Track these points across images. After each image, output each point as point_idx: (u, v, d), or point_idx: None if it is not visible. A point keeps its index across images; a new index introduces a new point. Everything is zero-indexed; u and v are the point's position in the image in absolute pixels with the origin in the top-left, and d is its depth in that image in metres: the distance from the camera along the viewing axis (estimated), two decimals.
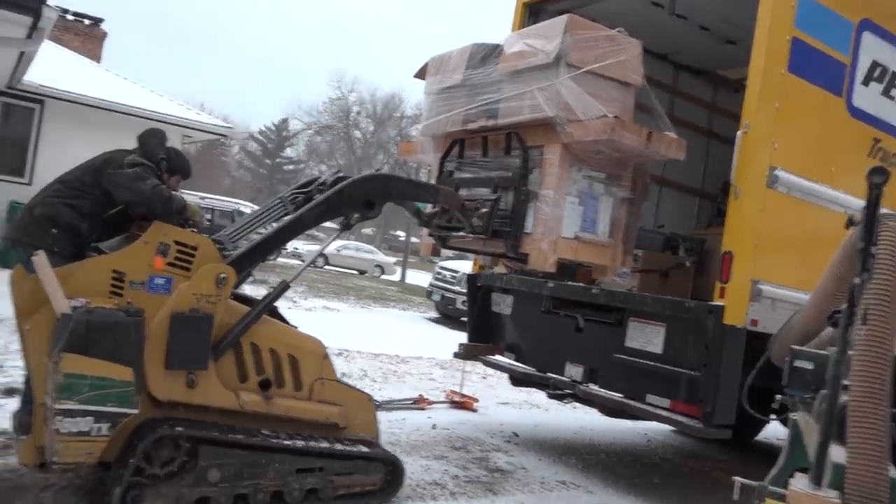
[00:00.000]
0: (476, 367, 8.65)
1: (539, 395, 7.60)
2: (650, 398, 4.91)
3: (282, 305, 4.32)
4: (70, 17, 18.16)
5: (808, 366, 2.81)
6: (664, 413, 4.78)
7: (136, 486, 3.37)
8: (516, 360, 6.20)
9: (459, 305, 14.52)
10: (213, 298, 3.65)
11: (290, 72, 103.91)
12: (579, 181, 4.60)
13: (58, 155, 12.91)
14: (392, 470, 4.18)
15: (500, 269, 6.30)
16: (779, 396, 3.02)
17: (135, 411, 3.28)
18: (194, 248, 3.70)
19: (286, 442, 3.81)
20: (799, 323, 3.13)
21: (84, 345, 3.13)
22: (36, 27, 7.63)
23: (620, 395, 5.14)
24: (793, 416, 3.25)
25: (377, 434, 4.27)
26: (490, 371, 7.54)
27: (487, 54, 4.89)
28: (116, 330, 3.24)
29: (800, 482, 2.19)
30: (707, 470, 6.48)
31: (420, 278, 28.69)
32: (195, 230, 3.91)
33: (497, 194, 4.67)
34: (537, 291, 5.77)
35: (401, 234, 28.29)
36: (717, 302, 4.52)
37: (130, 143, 4.29)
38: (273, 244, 4.10)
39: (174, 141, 14.86)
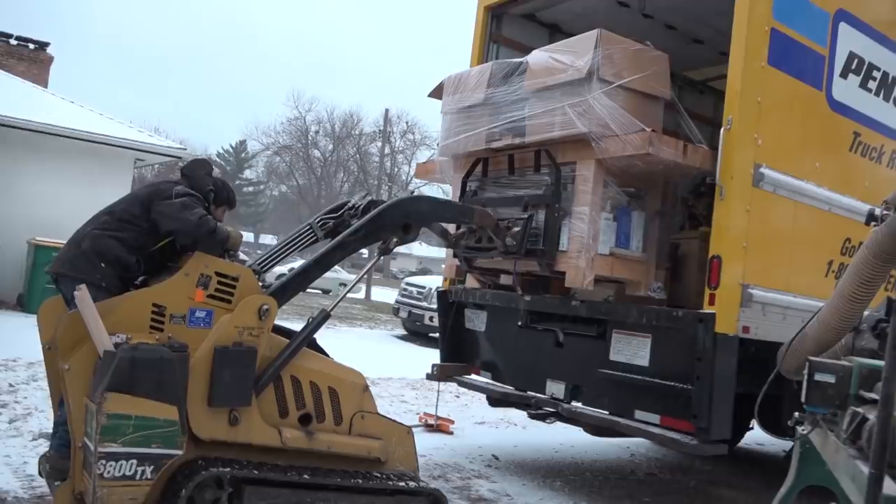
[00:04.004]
0: (449, 386, 8.28)
1: (516, 413, 7.25)
2: (639, 414, 4.62)
3: None
4: (13, 41, 17.46)
5: (830, 379, 2.53)
6: (655, 430, 4.49)
7: None
8: (493, 378, 5.87)
9: (427, 321, 14.28)
10: (255, 331, 3.53)
11: (247, 93, 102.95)
12: (613, 197, 4.61)
13: (5, 183, 12.37)
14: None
15: (472, 283, 5.99)
16: (797, 413, 2.74)
17: (179, 452, 3.17)
18: (235, 279, 3.59)
19: (334, 480, 3.65)
20: (815, 331, 2.84)
21: (129, 383, 3.04)
22: None
23: (606, 413, 4.85)
24: (801, 431, 2.99)
25: (417, 467, 4.11)
26: (463, 389, 7.20)
27: (510, 72, 4.88)
28: (161, 367, 3.14)
29: None
30: (695, 483, 6.22)
31: (386, 295, 28.24)
32: (235, 261, 3.84)
33: (529, 213, 4.62)
34: (513, 306, 5.46)
35: (364, 252, 27.90)
36: (708, 309, 4.25)
37: (82, 170, 3.95)
38: (315, 272, 3.93)
39: (125, 165, 14.32)
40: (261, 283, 3.76)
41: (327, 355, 4.07)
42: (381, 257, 4.49)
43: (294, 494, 3.53)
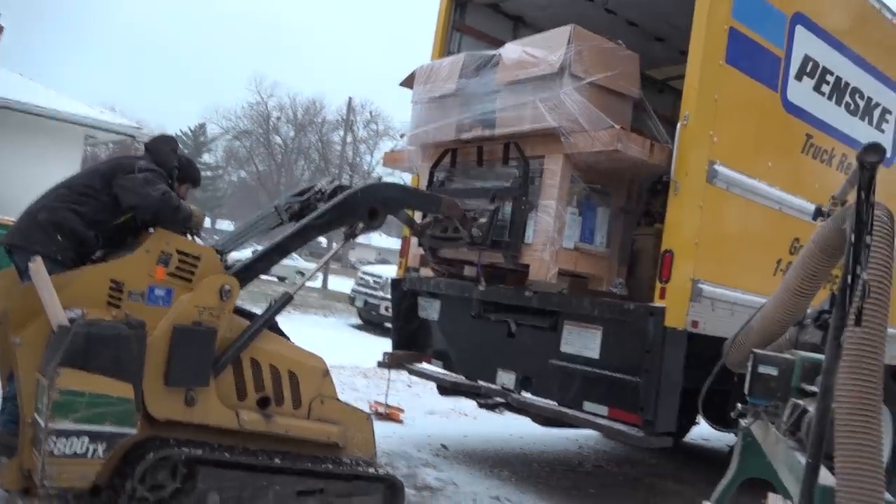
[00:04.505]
0: (401, 375, 8.24)
1: (467, 403, 7.27)
2: (588, 406, 4.64)
3: None
4: None
5: (773, 372, 2.56)
6: (602, 421, 4.52)
7: None
8: (445, 368, 5.84)
9: (383, 311, 14.19)
10: (216, 311, 3.47)
11: (208, 76, 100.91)
12: (579, 192, 4.63)
13: None
14: (392, 491, 3.99)
15: (427, 272, 5.95)
16: (740, 406, 2.76)
17: (133, 431, 3.09)
18: (197, 258, 3.53)
19: (290, 463, 3.62)
20: (759, 324, 2.87)
21: (83, 359, 2.96)
22: None
23: (556, 404, 4.86)
24: (744, 423, 3.02)
25: (375, 453, 4.11)
26: (416, 378, 7.17)
27: (483, 64, 4.88)
28: (118, 343, 3.07)
29: None
30: (641, 476, 6.29)
31: (343, 285, 28.03)
32: (198, 239, 3.80)
33: (495, 204, 4.62)
34: (467, 295, 5.43)
35: (322, 240, 27.68)
36: (658, 303, 4.29)
37: (29, 146, 3.84)
38: (279, 254, 3.90)
39: (76, 142, 13.91)
40: (223, 264, 3.70)
41: (288, 339, 4.02)
42: (347, 242, 4.46)
43: (249, 477, 3.49)
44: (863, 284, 1.74)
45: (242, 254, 5.93)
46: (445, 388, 5.89)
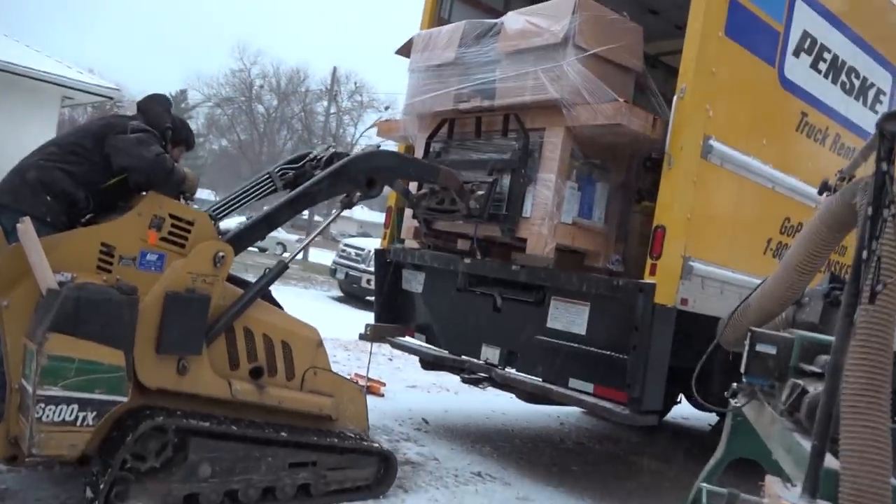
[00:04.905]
0: (382, 348, 8.16)
1: (449, 378, 7.16)
2: (573, 383, 4.57)
3: None
4: None
5: (771, 350, 2.48)
6: (588, 399, 4.45)
7: (121, 480, 3.10)
8: (428, 341, 5.74)
9: (364, 284, 14.12)
10: (209, 278, 3.40)
11: (191, 42, 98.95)
12: (578, 166, 4.53)
13: None
14: (385, 464, 4.01)
15: (411, 243, 5.83)
16: (734, 384, 2.69)
17: (124, 399, 3.02)
18: (190, 223, 3.45)
19: (283, 434, 3.59)
20: (758, 301, 2.79)
21: (73, 324, 2.88)
22: None
23: (540, 380, 4.79)
24: (735, 403, 2.96)
25: (368, 427, 4.08)
26: (397, 352, 7.09)
27: (483, 32, 4.77)
28: (109, 309, 2.99)
29: (783, 491, 1.83)
30: (622, 453, 6.28)
31: (323, 257, 27.82)
32: (192, 203, 3.69)
33: (493, 177, 4.53)
34: (452, 268, 5.32)
35: (304, 213, 27.50)
36: (648, 279, 4.20)
37: (3, 105, 3.66)
38: (275, 221, 3.84)
39: (52, 103, 13.54)
40: (216, 230, 3.63)
41: (282, 308, 3.95)
42: (342, 210, 4.37)
43: (241, 448, 3.46)
44: (876, 259, 1.65)
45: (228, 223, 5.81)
46: (428, 363, 5.80)
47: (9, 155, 3.70)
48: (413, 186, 4.97)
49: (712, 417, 6.71)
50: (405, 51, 5.44)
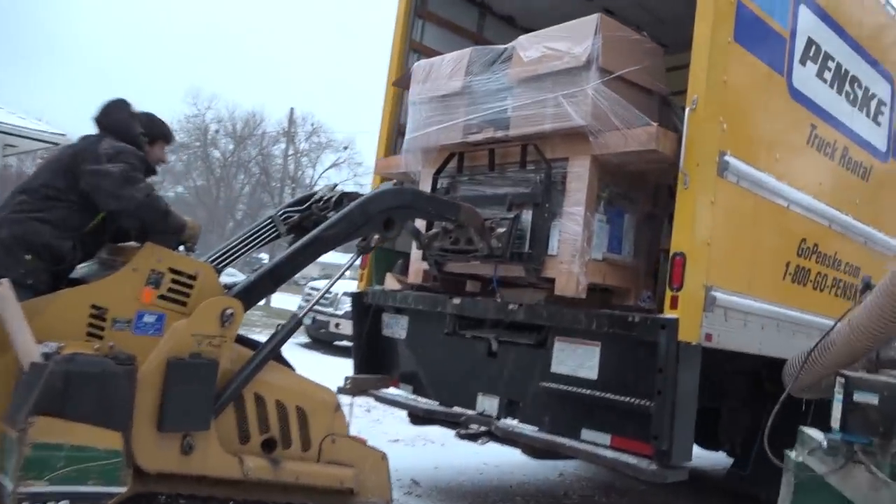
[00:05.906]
0: (359, 399, 7.54)
1: (432, 429, 6.57)
2: (586, 434, 4.06)
3: None
4: None
5: (873, 400, 1.99)
6: (605, 452, 3.92)
7: None
8: (415, 392, 5.18)
9: (333, 329, 13.54)
10: (216, 340, 3.04)
11: (143, 87, 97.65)
12: (606, 197, 4.15)
13: None
14: None
15: (391, 284, 5.29)
16: (822, 436, 2.19)
17: (122, 490, 2.64)
18: (193, 277, 3.08)
19: None
20: (845, 339, 2.31)
21: (61, 404, 2.52)
22: None
23: (547, 432, 4.25)
24: (794, 456, 2.47)
25: (391, 498, 3.69)
26: (374, 403, 6.47)
27: (492, 59, 4.44)
28: (104, 383, 2.63)
29: None
30: None
31: (287, 302, 26.97)
32: (192, 254, 3.32)
33: (514, 212, 4.18)
34: (439, 310, 4.80)
35: (263, 256, 26.70)
36: (670, 314, 3.72)
37: None
38: (287, 271, 3.46)
39: None
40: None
41: (293, 369, 3.56)
42: (359, 257, 3.97)
43: None
44: None
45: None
46: (418, 417, 5.22)
47: None
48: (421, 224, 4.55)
49: (723, 460, 6.20)
50: (404, 83, 5.11)
